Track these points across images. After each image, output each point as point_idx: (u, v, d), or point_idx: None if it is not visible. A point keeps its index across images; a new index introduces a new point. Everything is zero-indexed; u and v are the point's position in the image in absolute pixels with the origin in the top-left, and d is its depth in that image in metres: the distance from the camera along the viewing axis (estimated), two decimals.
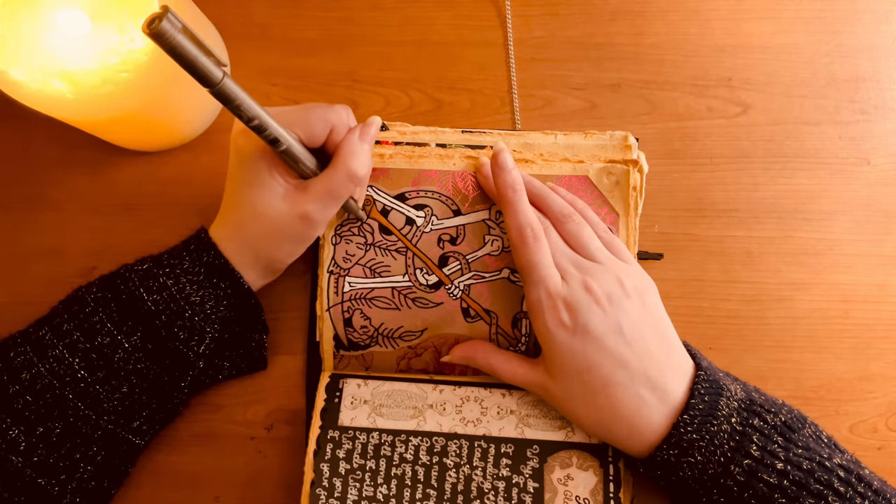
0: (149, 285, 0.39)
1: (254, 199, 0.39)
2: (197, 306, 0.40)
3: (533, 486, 0.41)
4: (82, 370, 0.38)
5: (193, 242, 0.41)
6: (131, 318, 0.39)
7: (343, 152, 0.39)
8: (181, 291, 0.39)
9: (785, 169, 0.49)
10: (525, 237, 0.40)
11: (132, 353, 0.39)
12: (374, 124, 0.41)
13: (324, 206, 0.40)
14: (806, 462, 0.35)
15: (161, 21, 0.28)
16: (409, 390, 0.43)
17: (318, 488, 0.41)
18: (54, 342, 0.38)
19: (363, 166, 0.40)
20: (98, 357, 0.38)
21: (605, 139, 0.46)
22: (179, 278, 0.39)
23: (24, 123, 0.49)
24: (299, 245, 0.42)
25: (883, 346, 0.47)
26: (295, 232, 0.40)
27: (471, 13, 0.53)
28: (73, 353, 0.38)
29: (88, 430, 0.39)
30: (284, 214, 0.39)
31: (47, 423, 0.38)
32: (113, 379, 0.39)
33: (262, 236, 0.40)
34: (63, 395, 0.38)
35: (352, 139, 0.40)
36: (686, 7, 0.52)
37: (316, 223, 0.40)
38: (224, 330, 0.43)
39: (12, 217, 0.49)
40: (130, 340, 0.39)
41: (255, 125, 0.35)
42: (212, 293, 0.40)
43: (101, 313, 0.39)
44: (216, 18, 0.50)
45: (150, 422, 0.42)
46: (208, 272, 0.40)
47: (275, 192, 0.39)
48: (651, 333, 0.39)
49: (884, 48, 0.52)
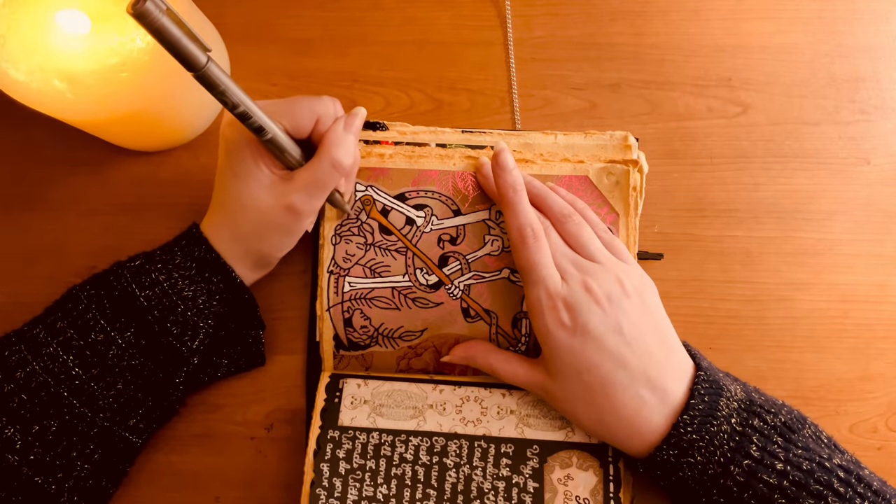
0: (141, 281, 0.39)
1: (240, 190, 0.39)
2: (189, 301, 0.40)
3: (533, 486, 0.41)
4: (77, 367, 0.38)
5: (185, 237, 0.41)
6: (124, 314, 0.39)
7: (327, 142, 0.39)
8: (173, 286, 0.39)
9: (785, 169, 0.49)
10: (525, 237, 0.40)
11: (126, 349, 0.39)
12: (359, 115, 0.41)
13: (309, 197, 0.40)
14: (806, 462, 0.35)
15: (145, 2, 0.28)
16: (409, 390, 0.43)
17: (318, 488, 0.41)
18: (48, 340, 0.38)
19: (348, 155, 0.40)
20: (92, 354, 0.38)
21: (605, 139, 0.46)
22: (171, 273, 0.39)
23: (24, 123, 0.49)
24: (288, 237, 0.42)
25: (883, 346, 0.47)
26: (282, 223, 0.40)
27: (471, 13, 0.53)
28: (67, 350, 0.38)
29: (84, 428, 0.39)
30: (270, 205, 0.39)
31: (43, 421, 0.38)
32: (108, 376, 0.39)
33: (250, 228, 0.40)
34: (58, 392, 0.38)
35: (336, 129, 0.40)
36: (686, 7, 0.52)
37: (302, 214, 0.40)
38: (219, 326, 0.43)
39: (12, 217, 0.49)
40: (124, 337, 0.39)
41: (239, 112, 0.35)
42: (204, 288, 0.40)
43: (94, 310, 0.39)
44: (216, 18, 0.50)
45: (146, 420, 0.42)
46: (200, 266, 0.40)
47: (260, 182, 0.39)
48: (651, 333, 0.39)
49: (884, 48, 0.52)
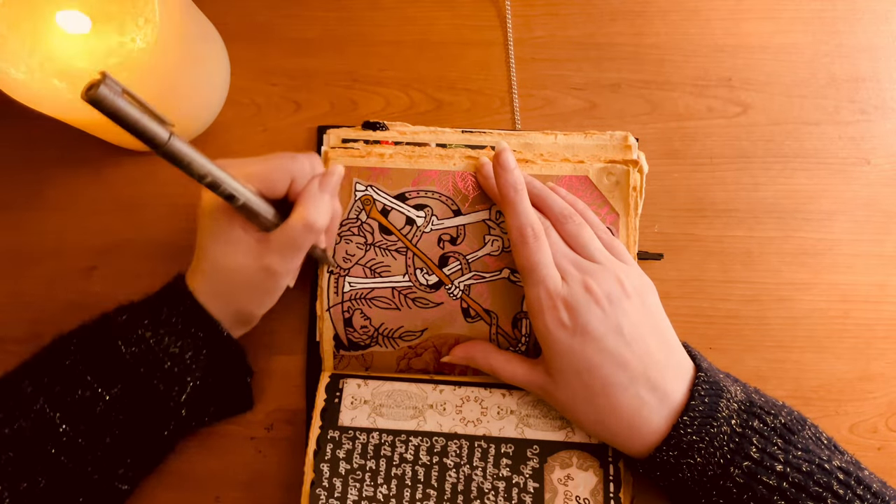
0: (127, 338, 0.38)
1: (217, 253, 0.39)
2: (176, 357, 0.39)
3: (533, 486, 0.41)
4: (64, 424, 0.37)
5: (171, 291, 0.40)
6: (111, 370, 0.38)
7: (301, 203, 0.39)
8: (159, 343, 0.39)
9: (785, 169, 0.49)
10: (526, 237, 0.40)
11: (113, 404, 0.38)
12: (335, 174, 0.41)
13: (284, 259, 0.39)
14: (805, 464, 0.35)
15: (99, 87, 0.28)
16: (409, 390, 0.43)
17: (318, 488, 0.41)
18: (36, 396, 0.38)
19: (321, 216, 0.39)
20: (80, 410, 0.38)
21: (605, 139, 0.46)
22: (158, 329, 0.39)
23: (24, 123, 0.49)
24: (268, 296, 0.42)
25: (883, 346, 0.47)
26: (260, 284, 0.40)
27: (471, 13, 0.52)
28: (54, 407, 0.37)
29: (73, 482, 0.38)
30: (248, 267, 0.39)
31: (31, 478, 0.37)
32: (95, 431, 0.38)
33: (230, 289, 0.40)
34: (46, 449, 0.37)
35: (311, 189, 0.39)
36: (686, 7, 0.52)
37: (279, 275, 0.40)
38: (207, 376, 0.42)
39: (12, 217, 0.49)
40: (111, 392, 0.38)
41: (208, 182, 0.34)
42: (191, 343, 0.40)
43: (81, 366, 0.38)
44: (216, 18, 0.50)
45: (135, 468, 0.41)
46: (186, 322, 0.40)
47: (237, 245, 0.39)
48: (651, 334, 0.39)
49: (884, 48, 0.52)
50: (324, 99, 0.51)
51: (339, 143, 0.47)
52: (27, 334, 0.47)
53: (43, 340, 0.40)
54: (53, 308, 0.47)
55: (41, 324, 0.47)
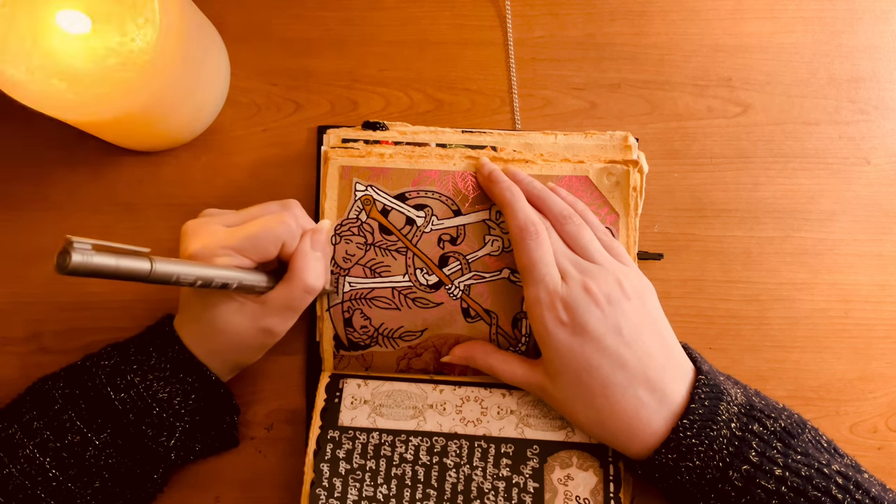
0: (116, 383, 0.39)
1: (213, 318, 0.39)
2: (165, 402, 0.39)
3: (533, 486, 0.41)
4: (54, 469, 0.37)
5: (159, 336, 0.40)
6: (100, 415, 0.38)
7: (297, 267, 0.39)
8: (148, 389, 0.39)
9: (785, 169, 0.49)
10: (526, 235, 0.40)
11: (103, 449, 0.38)
12: (323, 230, 0.41)
13: (284, 319, 0.40)
14: (804, 468, 0.35)
15: (71, 255, 0.27)
16: (409, 390, 0.43)
17: (318, 488, 0.41)
18: (24, 441, 0.38)
19: (318, 277, 0.40)
20: (69, 455, 0.38)
21: (605, 139, 0.46)
22: (146, 375, 0.39)
23: (24, 123, 0.49)
24: (262, 351, 0.43)
25: (883, 346, 0.47)
26: (257, 342, 0.41)
27: (471, 13, 0.52)
28: (43, 452, 0.37)
29: None
30: (247, 328, 0.39)
31: None
32: (85, 476, 0.38)
33: (226, 347, 0.40)
34: (35, 494, 0.37)
35: (304, 251, 0.40)
36: (686, 7, 0.52)
37: (278, 334, 0.41)
38: (194, 419, 0.42)
39: (12, 217, 0.49)
40: (101, 437, 0.38)
41: (199, 285, 0.35)
42: (179, 388, 0.40)
43: (69, 411, 0.38)
44: (216, 18, 0.50)
45: None
46: (174, 367, 0.40)
47: (233, 310, 0.39)
48: (650, 335, 0.39)
49: (884, 48, 0.52)
50: (324, 99, 0.51)
51: (339, 143, 0.47)
52: (27, 334, 0.47)
53: (43, 340, 0.40)
54: (53, 308, 0.47)
55: (41, 324, 0.47)
